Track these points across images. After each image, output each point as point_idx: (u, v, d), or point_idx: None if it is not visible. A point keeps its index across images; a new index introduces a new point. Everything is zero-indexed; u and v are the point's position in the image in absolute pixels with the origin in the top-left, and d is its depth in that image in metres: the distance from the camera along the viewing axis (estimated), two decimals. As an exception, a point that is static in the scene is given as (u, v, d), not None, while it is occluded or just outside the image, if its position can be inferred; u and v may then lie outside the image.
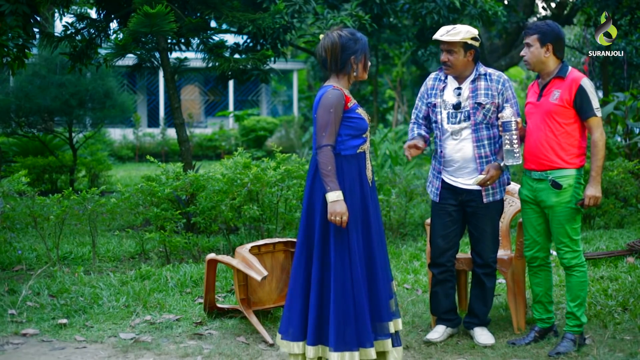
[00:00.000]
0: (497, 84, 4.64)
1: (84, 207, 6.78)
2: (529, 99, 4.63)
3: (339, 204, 3.88)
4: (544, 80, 4.55)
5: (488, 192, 4.68)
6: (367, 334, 3.92)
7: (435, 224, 4.78)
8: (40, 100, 11.94)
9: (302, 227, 4.05)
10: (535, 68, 4.54)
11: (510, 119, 4.48)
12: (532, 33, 4.51)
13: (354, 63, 4.04)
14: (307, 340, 3.97)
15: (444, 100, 4.68)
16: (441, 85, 4.73)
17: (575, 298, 4.53)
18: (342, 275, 3.93)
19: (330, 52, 4.02)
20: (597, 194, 4.40)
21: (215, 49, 8.63)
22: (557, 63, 4.52)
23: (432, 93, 4.75)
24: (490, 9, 9.96)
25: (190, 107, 24.54)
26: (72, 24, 8.63)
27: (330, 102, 3.93)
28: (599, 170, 4.41)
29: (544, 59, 4.49)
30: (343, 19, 8.88)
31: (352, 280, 3.93)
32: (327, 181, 3.91)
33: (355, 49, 4.03)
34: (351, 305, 3.92)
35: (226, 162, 7.19)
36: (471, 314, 4.82)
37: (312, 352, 3.96)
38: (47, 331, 4.94)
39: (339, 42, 4.01)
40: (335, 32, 4.05)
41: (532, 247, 4.68)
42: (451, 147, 4.66)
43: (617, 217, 8.44)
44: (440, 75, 4.77)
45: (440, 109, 4.68)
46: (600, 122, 4.45)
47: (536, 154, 4.52)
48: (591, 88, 4.46)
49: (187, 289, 5.90)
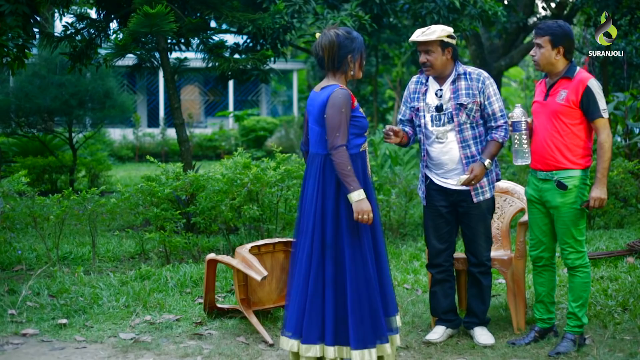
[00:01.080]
0: (477, 82, 4.63)
1: (83, 207, 6.78)
2: (536, 98, 4.62)
3: (364, 202, 3.89)
4: (551, 80, 4.54)
5: (477, 191, 4.67)
6: (382, 329, 3.99)
7: (428, 225, 4.79)
8: (40, 101, 11.93)
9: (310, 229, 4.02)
10: (544, 69, 4.53)
11: (521, 118, 4.48)
12: (543, 34, 4.47)
13: (350, 62, 4.06)
14: (326, 341, 3.97)
15: (427, 103, 4.68)
16: (423, 88, 4.73)
17: (578, 299, 4.53)
18: (356, 274, 3.96)
19: (328, 50, 4.03)
20: (602, 196, 4.38)
21: (215, 49, 8.63)
22: (566, 64, 4.51)
23: (415, 97, 4.75)
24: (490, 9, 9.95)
25: (190, 107, 24.54)
26: (72, 24, 8.63)
27: (341, 102, 3.94)
28: (605, 172, 4.39)
29: (554, 60, 4.47)
30: (343, 19, 8.88)
31: (366, 278, 3.97)
32: (349, 181, 3.90)
33: (352, 47, 4.05)
34: (366, 302, 3.96)
35: (226, 162, 7.18)
36: (470, 313, 4.82)
37: (332, 353, 3.97)
38: (47, 331, 4.94)
39: (336, 41, 4.03)
40: (332, 30, 4.07)
41: (538, 247, 4.68)
42: (438, 150, 4.66)
43: (617, 217, 8.44)
44: (421, 78, 4.77)
45: (423, 113, 4.69)
46: (607, 124, 4.42)
47: (542, 153, 4.51)
48: (598, 89, 4.44)
49: (187, 289, 5.90)
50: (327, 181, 4.01)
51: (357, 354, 3.93)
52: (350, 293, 3.95)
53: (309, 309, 3.98)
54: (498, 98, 4.64)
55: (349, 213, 3.98)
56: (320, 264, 3.99)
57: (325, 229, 3.99)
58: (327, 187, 4.01)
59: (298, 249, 4.12)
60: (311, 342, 3.98)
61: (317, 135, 4.06)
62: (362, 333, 3.94)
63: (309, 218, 4.04)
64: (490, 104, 4.62)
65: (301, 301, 4.02)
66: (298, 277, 4.05)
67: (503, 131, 4.62)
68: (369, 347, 3.95)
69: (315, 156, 4.07)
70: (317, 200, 4.02)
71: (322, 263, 3.99)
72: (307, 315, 3.99)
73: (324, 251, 4.00)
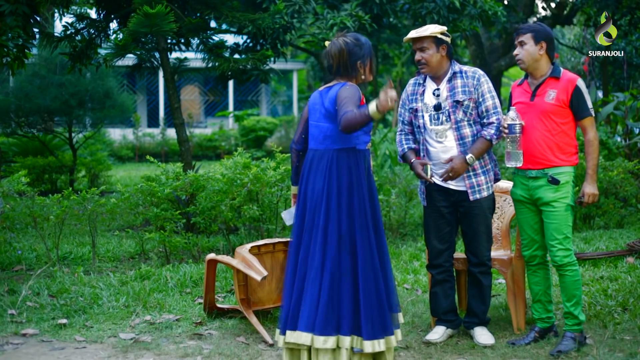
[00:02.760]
0: (472, 79, 4.65)
1: (83, 207, 6.78)
2: (519, 99, 4.65)
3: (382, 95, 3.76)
4: (536, 81, 4.60)
5: (474, 189, 4.67)
6: (388, 321, 4.07)
7: (429, 226, 4.80)
8: (40, 101, 11.94)
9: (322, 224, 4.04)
10: (529, 67, 4.58)
11: (516, 121, 4.50)
12: (525, 32, 4.58)
13: (360, 67, 4.14)
14: (342, 331, 4.02)
15: (425, 103, 4.70)
16: (420, 89, 4.76)
17: (571, 297, 4.55)
18: (367, 266, 4.04)
19: (338, 58, 4.10)
20: (595, 192, 4.52)
21: (215, 49, 8.63)
22: (549, 63, 4.59)
23: (413, 98, 4.78)
24: (490, 9, 9.96)
25: (190, 107, 24.55)
26: (71, 24, 8.63)
27: (353, 90, 4.01)
28: (595, 169, 4.52)
29: (538, 56, 4.54)
30: (343, 19, 8.89)
31: (374, 270, 4.05)
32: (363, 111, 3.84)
33: (361, 54, 4.12)
34: (375, 294, 4.03)
35: (226, 162, 7.18)
36: (470, 313, 4.82)
37: (348, 343, 4.02)
38: (47, 331, 4.94)
39: (345, 49, 4.09)
40: (341, 38, 4.13)
41: (531, 246, 4.70)
42: (438, 149, 4.67)
43: (616, 217, 8.45)
44: (418, 79, 4.80)
45: (422, 113, 4.70)
46: (594, 121, 4.55)
47: (533, 153, 4.56)
48: (585, 88, 4.57)
49: (187, 289, 5.90)
50: (340, 176, 4.06)
51: (369, 344, 4.00)
52: (363, 284, 4.01)
53: (326, 302, 4.00)
54: (493, 95, 4.66)
55: (360, 207, 4.05)
56: (336, 256, 4.04)
57: (341, 222, 4.04)
58: (341, 182, 4.06)
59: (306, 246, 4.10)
60: (328, 333, 4.00)
61: (326, 131, 4.09)
62: (372, 323, 4.01)
63: (319, 214, 4.06)
64: (484, 101, 4.63)
65: (314, 295, 4.03)
66: (312, 272, 4.05)
67: (494, 129, 4.61)
68: (378, 338, 4.02)
69: (324, 152, 4.09)
70: (331, 195, 4.05)
71: (338, 255, 4.04)
72: (321, 308, 4.00)
73: (340, 244, 4.04)
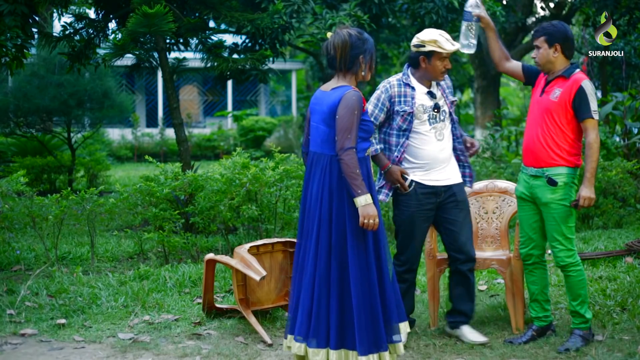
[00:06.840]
0: (448, 80, 4.84)
1: (82, 207, 6.77)
2: (534, 93, 4.70)
3: (370, 207, 3.84)
4: (550, 77, 4.62)
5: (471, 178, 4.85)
6: (382, 337, 3.92)
7: (415, 232, 4.71)
8: (39, 100, 11.92)
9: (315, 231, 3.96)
10: (544, 68, 4.62)
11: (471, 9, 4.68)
12: (539, 35, 4.58)
13: (362, 62, 4.02)
14: (330, 344, 3.91)
15: (422, 104, 4.67)
16: (409, 90, 4.69)
17: (577, 297, 4.57)
18: (360, 278, 3.90)
19: (340, 49, 3.99)
20: (592, 195, 4.46)
21: (213, 49, 8.63)
22: (566, 63, 4.58)
23: (403, 100, 4.67)
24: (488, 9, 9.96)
25: (189, 107, 24.53)
26: (70, 24, 8.63)
27: (354, 104, 3.89)
28: (594, 172, 4.48)
29: (552, 59, 4.56)
30: (342, 19, 8.88)
31: (369, 283, 3.92)
32: (358, 184, 3.84)
33: (363, 48, 4.02)
34: (369, 308, 3.90)
35: (225, 162, 7.18)
36: (457, 312, 4.80)
37: (335, 357, 3.91)
38: (46, 331, 4.94)
39: (348, 41, 3.99)
40: (345, 30, 4.04)
41: (527, 245, 4.71)
42: (436, 149, 4.67)
43: (615, 217, 8.45)
44: (402, 79, 4.72)
45: (418, 115, 4.66)
46: (597, 125, 4.49)
47: (532, 149, 4.57)
48: (591, 90, 4.51)
49: (186, 289, 5.90)
50: (333, 182, 3.94)
51: None
52: (355, 297, 3.89)
53: (316, 312, 3.93)
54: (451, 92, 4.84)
55: (353, 216, 3.92)
56: (327, 266, 3.94)
57: (332, 231, 3.94)
58: (334, 189, 3.94)
59: (304, 251, 4.04)
60: (318, 346, 3.93)
61: (323, 134, 4.00)
62: (367, 338, 3.89)
63: (314, 220, 3.98)
64: None
65: (308, 304, 3.97)
66: (305, 279, 3.99)
67: None
68: (373, 353, 3.90)
69: (321, 156, 4.00)
70: (323, 201, 3.95)
71: (328, 265, 3.94)
72: (314, 319, 3.94)
73: (330, 253, 3.94)
